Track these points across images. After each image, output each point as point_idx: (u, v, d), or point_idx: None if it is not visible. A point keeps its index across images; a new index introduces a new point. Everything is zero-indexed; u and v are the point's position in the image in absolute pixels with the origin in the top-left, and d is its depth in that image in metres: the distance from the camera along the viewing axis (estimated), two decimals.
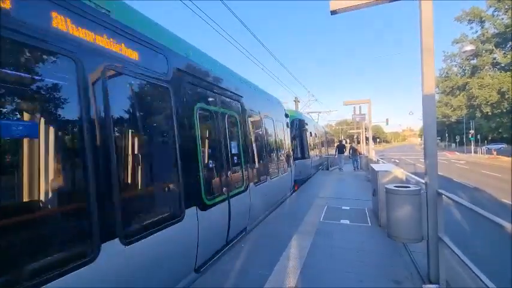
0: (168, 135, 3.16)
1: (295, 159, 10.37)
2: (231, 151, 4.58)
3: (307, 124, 13.41)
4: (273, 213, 6.41)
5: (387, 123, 33.20)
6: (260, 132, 6.50)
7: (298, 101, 25.83)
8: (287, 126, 9.06)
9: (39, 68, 1.96)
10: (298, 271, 3.47)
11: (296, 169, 9.91)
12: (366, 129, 20.43)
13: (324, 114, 30.05)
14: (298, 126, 12.38)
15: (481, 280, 2.04)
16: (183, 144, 3.22)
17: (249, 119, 5.63)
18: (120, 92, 2.56)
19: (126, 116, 2.69)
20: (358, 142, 31.04)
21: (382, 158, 18.26)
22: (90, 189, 2.07)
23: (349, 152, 18.41)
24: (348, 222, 5.59)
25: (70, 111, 2.10)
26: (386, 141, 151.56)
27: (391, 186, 3.31)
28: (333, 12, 3.58)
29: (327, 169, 17.50)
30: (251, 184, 5.20)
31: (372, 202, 6.43)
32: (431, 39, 2.93)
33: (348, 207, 6.80)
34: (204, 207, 3.47)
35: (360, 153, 19.88)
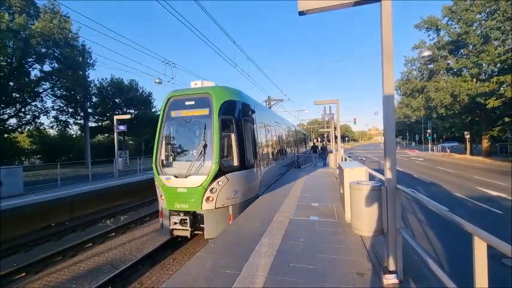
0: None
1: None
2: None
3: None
4: (244, 212, 6.40)
5: (355, 123, 34.84)
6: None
7: (272, 100, 26.13)
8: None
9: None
10: (268, 268, 3.49)
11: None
12: (335, 128, 21.21)
13: (296, 113, 30.81)
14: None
15: (432, 269, 2.21)
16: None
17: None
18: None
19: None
20: (329, 140, 32.27)
21: (349, 156, 19.20)
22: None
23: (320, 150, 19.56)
24: (316, 218, 5.76)
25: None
26: (355, 140, 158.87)
27: (354, 182, 3.45)
28: (301, 13, 3.60)
29: (299, 167, 17.95)
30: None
31: (339, 198, 6.68)
32: (391, 41, 3.08)
33: (317, 204, 7.00)
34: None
35: (328, 152, 20.98)
